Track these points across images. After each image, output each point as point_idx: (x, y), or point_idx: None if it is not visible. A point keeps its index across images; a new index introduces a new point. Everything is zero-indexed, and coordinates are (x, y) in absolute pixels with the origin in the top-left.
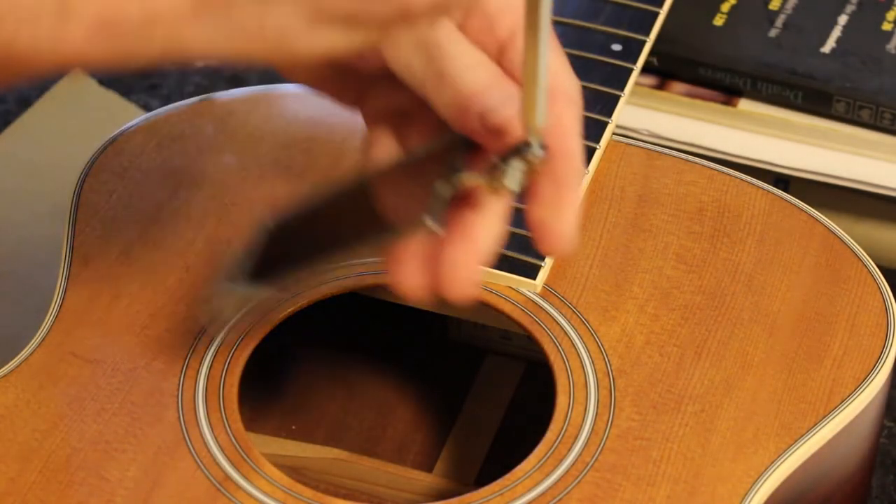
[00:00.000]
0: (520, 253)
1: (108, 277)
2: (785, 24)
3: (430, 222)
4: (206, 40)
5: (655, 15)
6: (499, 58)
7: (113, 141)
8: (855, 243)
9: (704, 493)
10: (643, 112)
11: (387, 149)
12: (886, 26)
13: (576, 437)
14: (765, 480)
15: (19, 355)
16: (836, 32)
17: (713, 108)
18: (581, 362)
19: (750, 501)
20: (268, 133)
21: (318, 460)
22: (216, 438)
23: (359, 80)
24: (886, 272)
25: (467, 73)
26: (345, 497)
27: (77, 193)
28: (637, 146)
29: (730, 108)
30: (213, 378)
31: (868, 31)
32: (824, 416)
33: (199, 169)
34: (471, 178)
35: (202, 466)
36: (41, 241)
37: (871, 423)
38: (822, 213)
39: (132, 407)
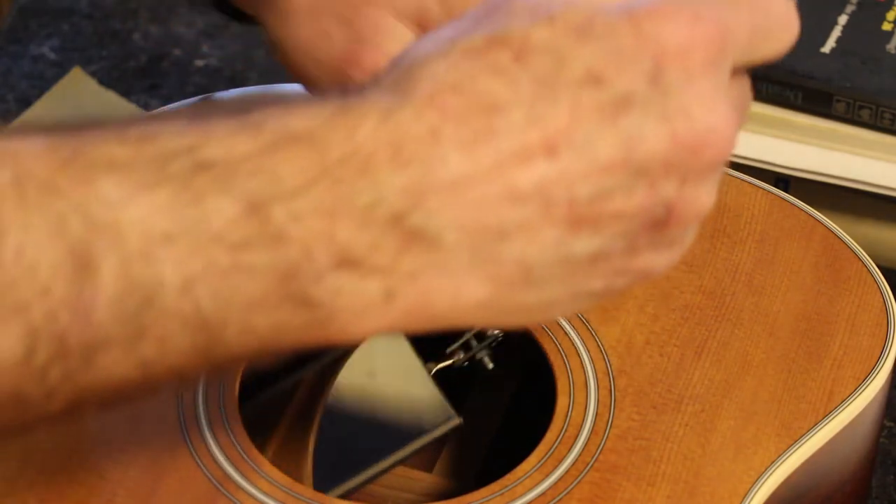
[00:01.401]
0: None
1: None
2: None
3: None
4: (488, 321)
5: None
6: None
7: None
8: (855, 243)
9: (704, 493)
10: None
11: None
12: (886, 26)
13: (576, 438)
14: (765, 480)
15: None
16: (836, 32)
17: None
18: (581, 362)
19: (750, 501)
20: None
21: None
22: (216, 438)
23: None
24: (886, 272)
25: None
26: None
27: None
28: None
29: None
30: (214, 378)
31: (868, 31)
32: (824, 416)
33: None
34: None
35: (202, 466)
36: None
37: (871, 423)
38: (822, 213)
39: (132, 407)
